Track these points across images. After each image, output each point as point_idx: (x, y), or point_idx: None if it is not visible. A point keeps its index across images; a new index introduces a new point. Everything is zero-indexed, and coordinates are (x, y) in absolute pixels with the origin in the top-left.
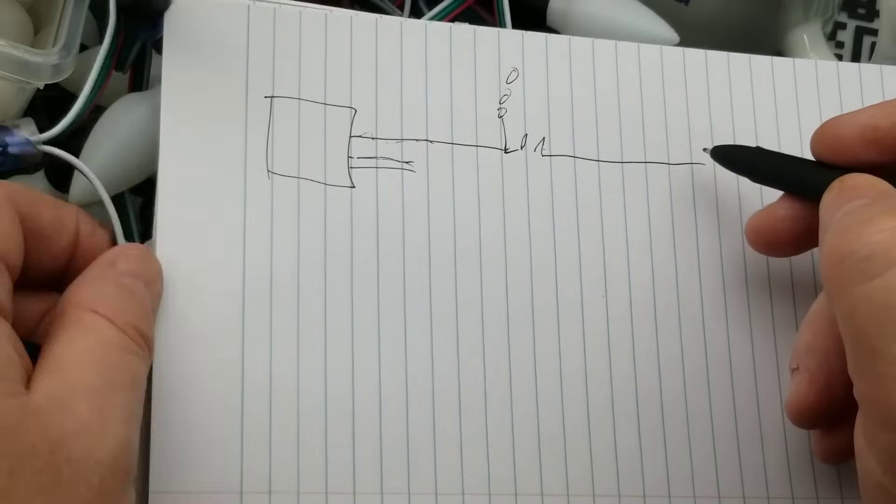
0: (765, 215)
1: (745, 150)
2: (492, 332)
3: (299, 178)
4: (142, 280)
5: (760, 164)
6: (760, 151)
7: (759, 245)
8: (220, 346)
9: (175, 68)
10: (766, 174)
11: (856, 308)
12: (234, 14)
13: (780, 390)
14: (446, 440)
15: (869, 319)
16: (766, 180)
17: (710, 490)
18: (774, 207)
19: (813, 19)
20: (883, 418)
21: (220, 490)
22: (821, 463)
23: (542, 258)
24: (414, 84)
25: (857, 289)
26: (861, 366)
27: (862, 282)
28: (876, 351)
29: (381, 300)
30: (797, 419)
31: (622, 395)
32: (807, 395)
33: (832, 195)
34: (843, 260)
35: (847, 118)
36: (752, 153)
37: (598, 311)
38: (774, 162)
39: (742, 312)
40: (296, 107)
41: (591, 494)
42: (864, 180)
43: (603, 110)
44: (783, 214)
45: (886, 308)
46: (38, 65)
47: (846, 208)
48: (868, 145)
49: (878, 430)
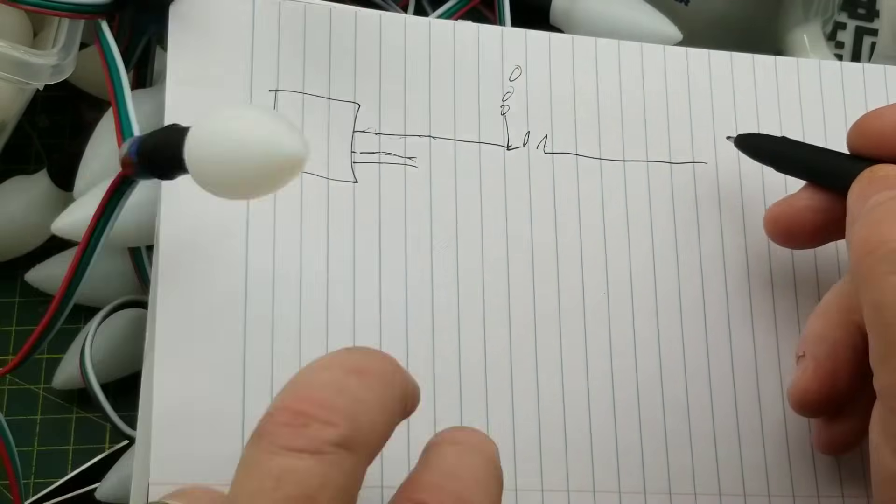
0: (785, 205)
1: (771, 139)
2: (493, 328)
3: (302, 173)
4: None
5: (786, 153)
6: (786, 141)
7: (778, 235)
8: (221, 341)
9: (180, 62)
10: (792, 163)
11: (885, 299)
12: (238, 9)
13: (782, 388)
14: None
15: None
16: (791, 170)
17: (711, 487)
18: (795, 197)
19: (813, 19)
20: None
21: (221, 483)
22: (821, 453)
23: (543, 255)
24: (417, 80)
25: (888, 280)
26: (886, 356)
27: (892, 273)
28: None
29: (383, 295)
30: (799, 406)
31: (623, 391)
32: (811, 383)
33: (862, 185)
34: (874, 251)
35: (888, 111)
36: (778, 142)
37: (600, 307)
38: (801, 151)
39: (744, 309)
40: (300, 101)
41: (592, 490)
42: (895, 171)
43: (605, 109)
44: (804, 204)
45: None
46: (38, 65)
47: (877, 198)
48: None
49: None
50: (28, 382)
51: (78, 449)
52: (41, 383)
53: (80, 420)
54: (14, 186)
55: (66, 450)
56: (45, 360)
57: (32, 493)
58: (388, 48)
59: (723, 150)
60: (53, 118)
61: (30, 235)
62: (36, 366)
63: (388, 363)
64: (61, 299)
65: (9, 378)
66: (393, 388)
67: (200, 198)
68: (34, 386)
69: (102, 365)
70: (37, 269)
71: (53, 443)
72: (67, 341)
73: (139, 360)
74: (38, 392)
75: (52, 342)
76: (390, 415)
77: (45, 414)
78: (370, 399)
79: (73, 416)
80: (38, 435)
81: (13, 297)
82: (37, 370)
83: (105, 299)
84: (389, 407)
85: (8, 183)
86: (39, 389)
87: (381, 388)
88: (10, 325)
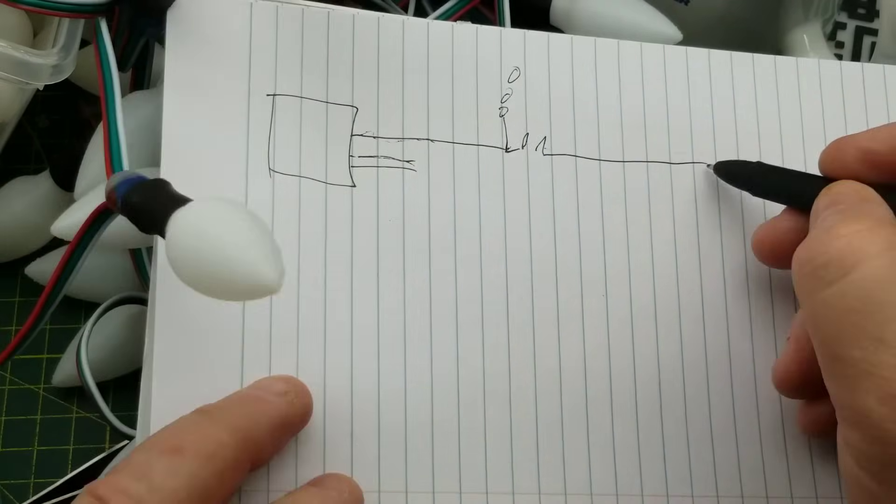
0: (768, 228)
1: (746, 165)
2: (491, 331)
3: (300, 177)
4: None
5: (761, 179)
6: (761, 167)
7: (765, 257)
8: (220, 345)
9: (178, 66)
10: (767, 189)
11: (817, 314)
12: (236, 12)
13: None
14: (444, 438)
15: (829, 325)
16: (768, 195)
17: (709, 489)
18: (777, 220)
19: (813, 19)
20: (851, 419)
21: None
22: (802, 433)
23: (542, 257)
24: (415, 83)
25: (817, 296)
26: (828, 371)
27: (820, 289)
28: (837, 356)
29: (381, 299)
30: (779, 384)
31: (621, 393)
32: (791, 363)
33: (820, 203)
34: (804, 267)
35: (848, 139)
36: (753, 169)
37: (598, 309)
38: (775, 177)
39: (742, 311)
40: (297, 105)
41: (589, 493)
42: (847, 187)
43: (604, 109)
44: (786, 227)
45: (843, 314)
46: (38, 65)
47: (822, 215)
48: (866, 166)
49: (850, 430)
50: (28, 382)
51: (78, 449)
52: (41, 383)
53: (80, 420)
54: (17, 187)
55: (66, 449)
56: (45, 359)
57: (32, 493)
58: (386, 51)
59: (722, 151)
60: (53, 118)
61: (31, 236)
62: (36, 365)
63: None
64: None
65: (9, 378)
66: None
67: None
68: (34, 385)
69: (102, 363)
70: (36, 263)
71: (53, 443)
72: (67, 340)
73: (139, 357)
74: (37, 392)
75: (51, 342)
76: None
77: (44, 413)
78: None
79: (73, 416)
80: (37, 435)
81: (13, 297)
82: (37, 370)
83: (105, 296)
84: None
85: (11, 184)
86: (39, 389)
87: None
88: (10, 325)
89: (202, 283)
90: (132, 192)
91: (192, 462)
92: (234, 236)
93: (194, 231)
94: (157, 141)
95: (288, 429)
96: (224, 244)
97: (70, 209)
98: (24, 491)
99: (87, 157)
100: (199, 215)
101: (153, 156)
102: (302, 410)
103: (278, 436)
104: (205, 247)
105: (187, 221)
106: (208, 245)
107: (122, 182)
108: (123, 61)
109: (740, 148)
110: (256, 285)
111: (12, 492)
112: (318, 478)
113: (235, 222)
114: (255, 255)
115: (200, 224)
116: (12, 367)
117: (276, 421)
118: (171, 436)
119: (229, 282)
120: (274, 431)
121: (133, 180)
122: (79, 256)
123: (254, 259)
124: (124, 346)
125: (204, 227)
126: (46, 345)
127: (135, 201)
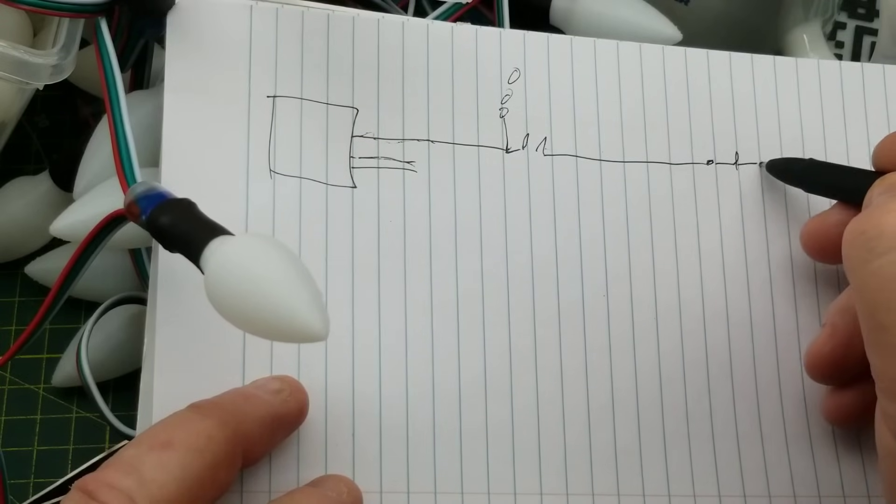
0: (818, 222)
1: (798, 162)
2: (493, 331)
3: (301, 178)
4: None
5: (814, 175)
6: (813, 163)
7: (812, 251)
8: (221, 342)
9: (178, 68)
10: (820, 185)
11: (866, 285)
12: (236, 13)
13: (780, 388)
14: (445, 438)
15: (876, 295)
16: (819, 190)
17: (711, 489)
18: (827, 214)
19: (813, 19)
20: (891, 390)
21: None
22: (826, 420)
23: (543, 257)
24: (416, 84)
25: (868, 266)
26: (872, 341)
27: (871, 260)
28: (883, 325)
29: (382, 299)
30: (810, 367)
31: (622, 393)
32: (823, 347)
33: (875, 190)
34: (856, 238)
35: None
36: (806, 166)
37: (599, 309)
38: (826, 172)
39: (743, 310)
40: (298, 106)
41: (591, 493)
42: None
43: (604, 110)
44: (836, 220)
45: (891, 282)
46: (38, 65)
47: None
48: None
49: (891, 402)
50: (28, 382)
51: (77, 449)
52: (41, 383)
53: (80, 419)
54: (16, 187)
55: (66, 449)
56: (45, 359)
57: (32, 493)
58: (386, 52)
59: (722, 151)
60: (53, 118)
61: (31, 236)
62: (36, 365)
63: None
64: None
65: (9, 378)
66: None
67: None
68: (34, 385)
69: (102, 362)
70: (36, 262)
71: (53, 442)
72: (67, 340)
73: (139, 357)
74: (37, 391)
75: (51, 342)
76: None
77: (44, 413)
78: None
79: (73, 416)
80: (37, 434)
81: (13, 297)
82: (37, 370)
83: (105, 295)
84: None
85: (10, 184)
86: (39, 389)
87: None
88: (10, 325)
89: (245, 323)
90: (160, 212)
91: (181, 456)
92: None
93: (239, 271)
94: (157, 141)
95: (281, 425)
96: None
97: (69, 209)
98: (24, 491)
99: (87, 157)
100: (242, 253)
101: (153, 156)
102: (296, 408)
103: (270, 432)
104: (250, 289)
105: (229, 259)
106: (254, 287)
107: (144, 196)
108: (123, 61)
109: (740, 148)
110: (303, 333)
111: (12, 492)
112: (317, 479)
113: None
114: (301, 303)
115: (244, 263)
116: (12, 367)
117: (267, 417)
118: (160, 431)
119: (275, 328)
120: (265, 427)
121: (158, 196)
122: (86, 260)
123: (300, 307)
124: (124, 346)
125: (248, 267)
126: (46, 345)
127: (164, 223)
